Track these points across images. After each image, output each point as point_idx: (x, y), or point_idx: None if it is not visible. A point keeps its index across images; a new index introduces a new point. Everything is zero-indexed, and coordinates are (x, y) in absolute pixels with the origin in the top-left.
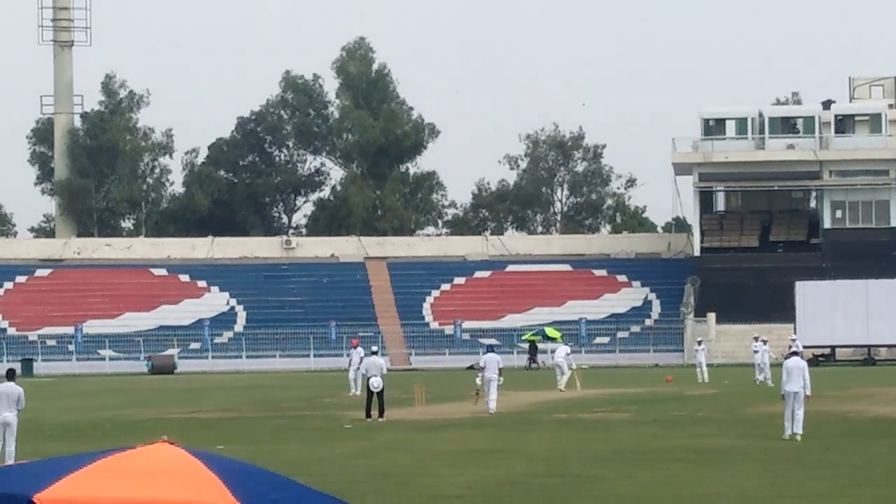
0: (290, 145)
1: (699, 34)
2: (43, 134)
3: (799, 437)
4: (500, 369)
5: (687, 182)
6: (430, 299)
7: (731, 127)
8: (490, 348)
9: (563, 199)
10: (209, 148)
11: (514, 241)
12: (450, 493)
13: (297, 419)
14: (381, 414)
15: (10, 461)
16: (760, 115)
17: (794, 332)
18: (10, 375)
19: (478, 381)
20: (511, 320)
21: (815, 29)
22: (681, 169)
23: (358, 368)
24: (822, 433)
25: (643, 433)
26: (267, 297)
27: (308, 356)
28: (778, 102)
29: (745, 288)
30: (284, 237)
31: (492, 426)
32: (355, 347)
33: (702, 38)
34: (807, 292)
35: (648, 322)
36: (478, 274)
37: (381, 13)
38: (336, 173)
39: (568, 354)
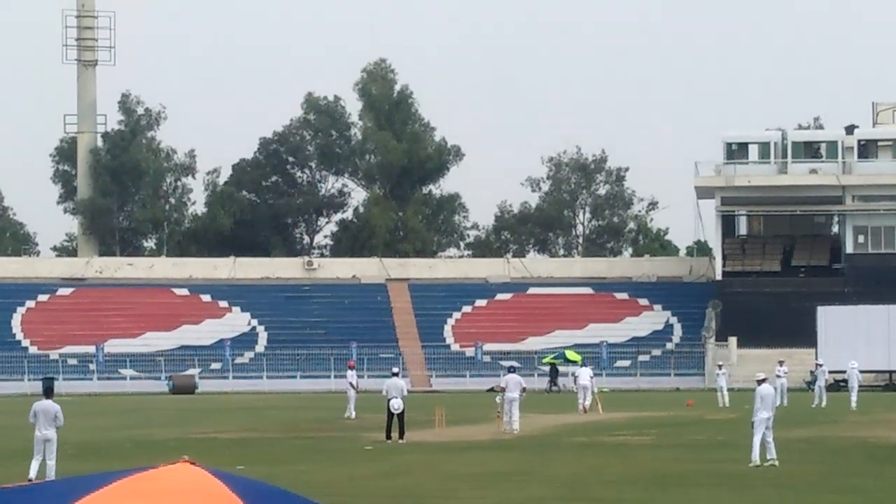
0: (313, 166)
1: (722, 58)
2: (66, 153)
3: (777, 463)
4: (523, 388)
5: (709, 206)
6: (451, 321)
7: (753, 151)
8: (511, 369)
9: (585, 222)
10: (232, 168)
11: (535, 264)
12: None
13: (317, 440)
14: (401, 436)
15: (51, 476)
16: (783, 139)
17: (816, 358)
18: (49, 393)
19: (497, 399)
20: (532, 343)
21: (839, 54)
22: (703, 192)
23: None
24: (843, 459)
25: (663, 457)
26: (288, 317)
27: (329, 377)
28: (800, 127)
29: (766, 312)
30: (306, 258)
31: (512, 449)
32: (352, 369)
33: (725, 62)
34: (828, 317)
35: (669, 346)
36: (499, 296)
37: (403, 35)
38: (358, 194)
39: (591, 377)
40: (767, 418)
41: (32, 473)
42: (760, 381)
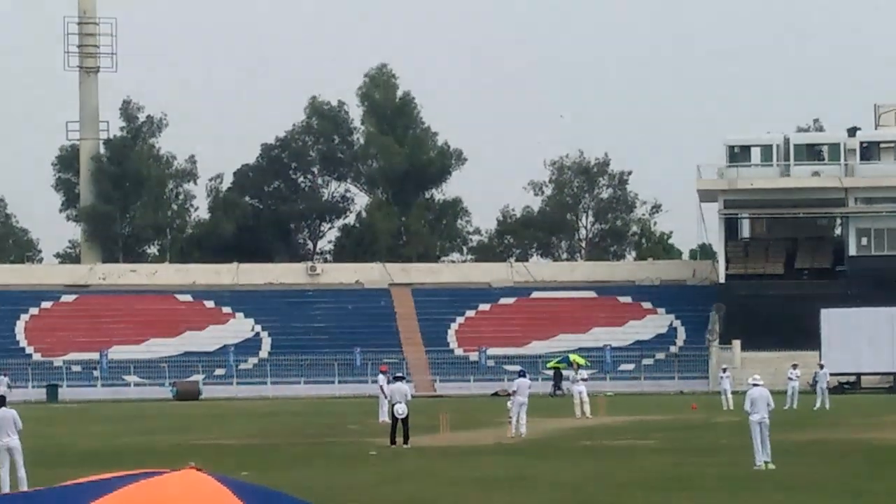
0: (316, 171)
1: (724, 61)
2: (69, 160)
3: (772, 466)
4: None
5: (712, 209)
6: (454, 326)
7: (756, 154)
8: (522, 373)
9: (588, 226)
10: (234, 174)
11: (538, 268)
12: None
13: (321, 446)
14: (405, 440)
15: (24, 486)
16: (786, 141)
17: (820, 359)
18: (2, 401)
19: (509, 404)
20: (536, 347)
21: (840, 55)
22: (706, 196)
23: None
24: (847, 461)
25: (668, 461)
26: (292, 323)
27: (333, 382)
28: (802, 130)
29: (770, 315)
30: (309, 263)
31: (517, 453)
32: (384, 372)
33: (726, 65)
34: (832, 320)
35: (673, 349)
36: (502, 300)
37: (405, 39)
38: (361, 199)
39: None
40: (759, 421)
41: (5, 488)
42: (754, 385)
